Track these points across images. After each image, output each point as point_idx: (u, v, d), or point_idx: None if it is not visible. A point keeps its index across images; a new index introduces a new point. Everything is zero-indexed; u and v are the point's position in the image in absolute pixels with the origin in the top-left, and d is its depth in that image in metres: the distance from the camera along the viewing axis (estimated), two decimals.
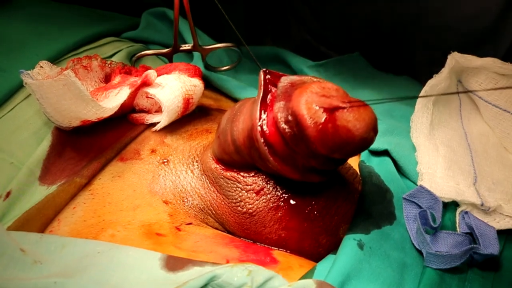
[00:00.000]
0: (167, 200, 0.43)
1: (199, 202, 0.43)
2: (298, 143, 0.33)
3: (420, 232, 0.39)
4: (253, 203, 0.40)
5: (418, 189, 0.42)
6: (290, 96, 0.33)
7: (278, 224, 0.39)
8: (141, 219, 0.41)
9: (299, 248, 0.40)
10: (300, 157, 0.34)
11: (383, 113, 0.54)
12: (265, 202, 0.39)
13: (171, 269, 0.34)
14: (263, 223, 0.40)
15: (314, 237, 0.40)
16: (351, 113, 0.32)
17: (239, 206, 0.40)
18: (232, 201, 0.41)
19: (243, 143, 0.37)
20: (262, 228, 0.40)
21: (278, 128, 0.33)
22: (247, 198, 0.40)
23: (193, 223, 0.42)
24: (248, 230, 0.41)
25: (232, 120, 0.39)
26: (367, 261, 0.36)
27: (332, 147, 0.32)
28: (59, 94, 0.40)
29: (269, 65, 0.61)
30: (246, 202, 0.40)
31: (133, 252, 0.35)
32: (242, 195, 0.40)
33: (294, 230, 0.39)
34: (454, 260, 0.37)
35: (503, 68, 0.49)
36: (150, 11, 0.65)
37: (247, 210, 0.40)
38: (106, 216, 0.41)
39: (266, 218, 0.40)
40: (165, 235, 0.40)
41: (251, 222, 0.40)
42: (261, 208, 0.40)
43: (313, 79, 0.35)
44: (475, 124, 0.52)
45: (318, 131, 0.31)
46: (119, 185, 0.44)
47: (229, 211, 0.41)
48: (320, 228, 0.40)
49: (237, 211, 0.41)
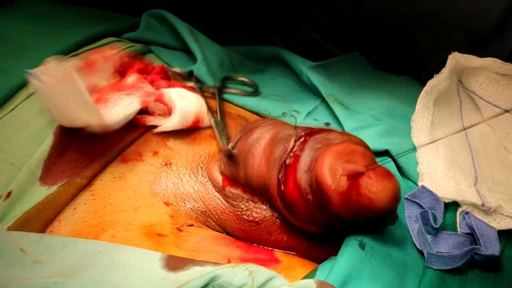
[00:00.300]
0: (168, 202, 0.43)
1: (201, 205, 0.43)
2: (321, 208, 0.33)
3: (421, 232, 0.39)
4: (260, 213, 0.40)
5: (420, 189, 0.42)
6: (315, 159, 0.33)
7: (285, 233, 0.39)
8: (142, 220, 0.41)
9: (306, 255, 0.40)
10: (320, 217, 0.34)
11: (384, 114, 0.54)
12: (272, 211, 0.39)
13: (172, 269, 0.34)
14: (269, 232, 0.39)
15: (322, 244, 0.40)
16: (375, 183, 0.32)
17: (245, 215, 0.40)
18: (238, 210, 0.41)
19: (257, 186, 0.37)
20: (268, 236, 0.40)
21: (300, 193, 0.33)
22: (254, 208, 0.40)
23: (194, 225, 0.42)
24: (253, 237, 0.41)
25: (246, 157, 0.38)
26: (369, 261, 0.36)
27: (355, 213, 0.33)
28: (61, 98, 0.40)
29: (270, 65, 0.61)
30: (252, 211, 0.40)
31: (133, 252, 0.35)
32: (249, 205, 0.40)
33: (302, 239, 0.39)
34: (455, 261, 0.37)
35: (503, 68, 0.49)
36: (149, 13, 0.65)
37: (253, 219, 0.40)
38: (106, 217, 0.41)
39: (273, 227, 0.39)
40: (166, 235, 0.40)
41: (256, 230, 0.40)
42: (268, 217, 0.39)
43: (338, 137, 0.34)
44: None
45: (343, 200, 0.32)
46: (120, 186, 0.44)
47: (233, 218, 0.41)
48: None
49: (242, 219, 0.40)
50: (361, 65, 0.68)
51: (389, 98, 0.59)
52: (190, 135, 0.49)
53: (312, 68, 0.60)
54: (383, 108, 0.55)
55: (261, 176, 0.36)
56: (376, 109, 0.55)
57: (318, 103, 0.57)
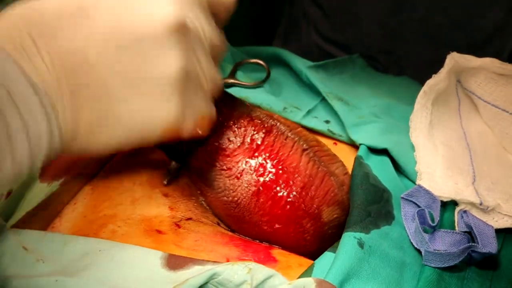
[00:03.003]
0: (167, 193, 0.43)
1: (198, 196, 0.43)
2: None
3: (418, 231, 0.39)
4: (236, 190, 0.40)
5: (416, 188, 0.43)
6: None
7: (262, 210, 0.40)
8: (141, 213, 0.41)
9: (286, 234, 0.41)
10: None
11: (383, 112, 0.55)
12: (246, 187, 0.40)
13: (172, 268, 0.34)
14: (249, 211, 0.41)
15: (297, 221, 0.40)
16: None
17: (224, 196, 0.41)
18: (218, 192, 0.41)
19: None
20: (249, 216, 0.41)
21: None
22: (230, 185, 0.41)
23: (193, 218, 0.42)
24: (238, 222, 0.42)
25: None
26: (367, 260, 0.37)
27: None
28: None
29: (270, 65, 0.62)
30: (230, 190, 0.41)
31: (134, 251, 0.35)
32: (226, 183, 0.41)
33: (277, 215, 0.40)
34: (453, 258, 0.37)
35: (502, 68, 0.49)
36: None
37: (232, 199, 0.41)
38: (106, 211, 0.41)
39: (250, 205, 0.40)
40: (165, 232, 0.40)
41: (238, 212, 0.41)
42: (244, 194, 0.40)
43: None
44: (474, 124, 0.52)
45: None
46: (119, 178, 0.44)
47: (218, 203, 0.42)
48: (302, 211, 0.40)
49: (224, 201, 0.41)
50: (360, 65, 0.69)
51: (388, 97, 0.59)
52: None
53: (311, 68, 0.61)
54: (382, 107, 0.56)
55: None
56: (376, 106, 0.56)
57: (318, 102, 0.57)
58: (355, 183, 0.43)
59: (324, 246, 0.40)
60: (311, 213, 0.41)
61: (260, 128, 0.42)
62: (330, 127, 0.53)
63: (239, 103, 0.44)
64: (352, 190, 0.42)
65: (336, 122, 0.54)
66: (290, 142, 0.42)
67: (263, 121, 0.42)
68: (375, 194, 0.42)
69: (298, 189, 0.40)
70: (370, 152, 0.48)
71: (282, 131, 0.42)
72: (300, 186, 0.40)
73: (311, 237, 0.41)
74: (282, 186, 0.40)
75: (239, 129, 0.42)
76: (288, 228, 0.41)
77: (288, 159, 0.41)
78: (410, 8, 0.72)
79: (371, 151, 0.48)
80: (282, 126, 0.42)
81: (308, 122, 0.53)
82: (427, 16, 0.72)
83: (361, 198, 0.41)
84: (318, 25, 0.82)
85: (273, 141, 0.42)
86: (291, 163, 0.41)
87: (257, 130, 0.42)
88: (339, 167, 0.44)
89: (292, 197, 0.40)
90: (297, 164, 0.41)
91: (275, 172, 0.40)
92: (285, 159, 0.41)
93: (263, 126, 0.42)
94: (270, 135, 0.42)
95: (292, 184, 0.40)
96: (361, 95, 0.58)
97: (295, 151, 0.42)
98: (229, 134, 0.41)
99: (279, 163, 0.41)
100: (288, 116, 0.53)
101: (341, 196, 0.42)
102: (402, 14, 0.73)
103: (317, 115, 0.55)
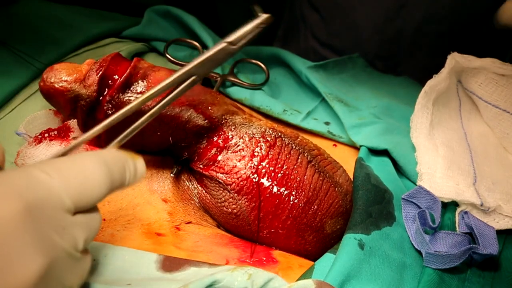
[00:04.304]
0: (166, 199, 0.43)
1: (197, 200, 0.43)
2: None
3: (419, 232, 0.39)
4: (236, 203, 0.40)
5: (417, 189, 0.42)
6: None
7: (262, 223, 0.40)
8: (141, 218, 0.41)
9: (286, 245, 0.41)
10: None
11: (383, 113, 0.55)
12: (247, 201, 0.40)
13: (167, 270, 0.34)
14: (248, 223, 0.40)
15: (299, 234, 0.40)
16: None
17: (224, 207, 0.41)
18: (218, 201, 0.41)
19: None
20: (248, 227, 0.41)
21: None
22: (230, 198, 0.40)
23: (193, 221, 0.42)
24: (237, 229, 0.42)
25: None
26: (367, 261, 0.37)
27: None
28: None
29: (269, 65, 0.61)
30: (230, 202, 0.41)
31: (129, 257, 0.35)
32: (225, 195, 0.41)
33: (278, 228, 0.40)
34: (453, 260, 0.37)
35: (502, 68, 0.49)
36: (153, 9, 0.65)
37: (231, 211, 0.41)
38: (105, 216, 0.41)
39: (250, 218, 0.40)
40: (164, 234, 0.40)
41: (237, 222, 0.41)
42: (244, 208, 0.40)
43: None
44: (475, 125, 0.52)
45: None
46: None
47: (218, 211, 0.42)
48: (304, 225, 0.40)
49: (223, 212, 0.41)
50: (360, 65, 0.68)
51: (389, 97, 0.59)
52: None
53: (311, 68, 0.61)
54: (383, 107, 0.56)
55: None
56: (376, 107, 0.55)
57: (318, 103, 0.57)
58: (356, 185, 0.43)
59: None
60: (314, 226, 0.41)
61: (265, 141, 0.41)
62: (330, 128, 0.53)
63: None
64: (354, 193, 0.42)
65: (336, 123, 0.54)
66: (295, 154, 0.42)
67: (267, 134, 0.42)
68: (376, 194, 0.42)
69: (301, 204, 0.40)
70: (371, 153, 0.48)
71: (287, 143, 0.42)
72: (303, 201, 0.40)
73: (313, 248, 0.41)
74: (285, 201, 0.40)
75: (243, 141, 0.41)
76: (289, 240, 0.41)
77: (293, 173, 0.41)
78: (407, 15, 0.73)
79: (371, 152, 0.48)
80: (287, 138, 0.42)
81: (307, 124, 0.53)
82: (423, 23, 0.72)
83: (363, 199, 0.41)
84: (315, 30, 0.83)
85: (277, 153, 0.41)
86: (295, 177, 0.41)
87: (261, 143, 0.41)
88: (342, 174, 0.44)
89: (295, 212, 0.40)
90: (301, 178, 0.41)
91: (278, 188, 0.40)
92: (290, 173, 0.41)
93: (267, 140, 0.42)
94: (275, 147, 0.41)
95: (295, 198, 0.40)
96: (362, 95, 0.58)
97: (300, 164, 0.41)
98: (233, 147, 0.41)
99: (283, 178, 0.40)
100: (288, 119, 0.53)
101: (345, 207, 0.42)
102: (398, 21, 0.74)
103: (317, 116, 0.55)
